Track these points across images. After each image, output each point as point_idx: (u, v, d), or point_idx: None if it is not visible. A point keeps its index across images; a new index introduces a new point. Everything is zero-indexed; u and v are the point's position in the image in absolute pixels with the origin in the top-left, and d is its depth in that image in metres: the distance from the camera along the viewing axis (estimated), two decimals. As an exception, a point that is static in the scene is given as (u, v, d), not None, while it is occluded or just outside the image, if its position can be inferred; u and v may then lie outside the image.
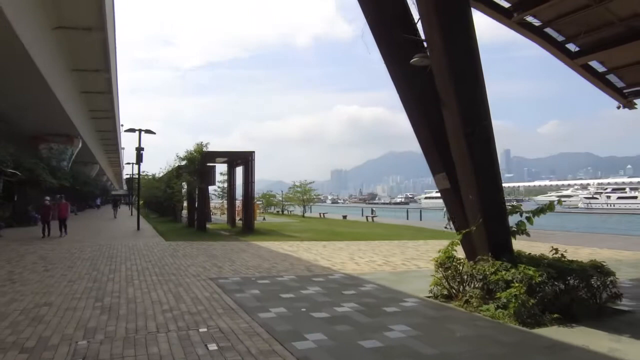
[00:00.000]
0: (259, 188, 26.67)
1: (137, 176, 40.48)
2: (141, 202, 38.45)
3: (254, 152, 21.20)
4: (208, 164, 21.97)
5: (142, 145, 22.55)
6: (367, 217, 36.10)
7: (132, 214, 41.67)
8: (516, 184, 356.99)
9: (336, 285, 8.44)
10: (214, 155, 21.99)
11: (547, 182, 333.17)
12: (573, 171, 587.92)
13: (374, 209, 46.13)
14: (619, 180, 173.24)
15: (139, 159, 22.31)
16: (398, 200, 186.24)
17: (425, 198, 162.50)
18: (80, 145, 38.14)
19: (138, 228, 22.25)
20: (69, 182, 36.20)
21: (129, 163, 43.94)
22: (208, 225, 21.95)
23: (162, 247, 14.68)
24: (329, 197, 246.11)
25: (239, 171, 24.66)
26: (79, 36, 20.77)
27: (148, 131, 22.53)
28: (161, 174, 35.88)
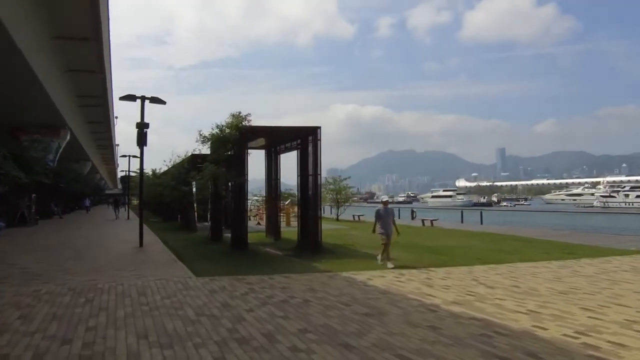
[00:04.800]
0: (253, 187, 19.59)
1: (136, 172, 33.18)
2: (137, 202, 31.37)
3: (319, 127, 13.81)
4: (249, 147, 14.44)
5: (145, 121, 15.10)
6: (422, 220, 28.76)
7: (129, 217, 34.53)
8: (513, 183, 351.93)
9: None
10: (259, 133, 14.28)
11: (546, 181, 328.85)
12: (568, 170, 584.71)
13: (414, 209, 38.89)
14: (617, 178, 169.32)
15: (142, 139, 14.73)
16: (400, 199, 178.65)
17: (433, 197, 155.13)
18: (68, 137, 31.27)
19: (141, 244, 14.82)
20: (49, 179, 29.01)
21: (124, 155, 36.94)
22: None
23: (200, 301, 7.27)
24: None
25: (285, 159, 17.43)
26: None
27: (155, 99, 15.05)
28: (164, 168, 28.45)
